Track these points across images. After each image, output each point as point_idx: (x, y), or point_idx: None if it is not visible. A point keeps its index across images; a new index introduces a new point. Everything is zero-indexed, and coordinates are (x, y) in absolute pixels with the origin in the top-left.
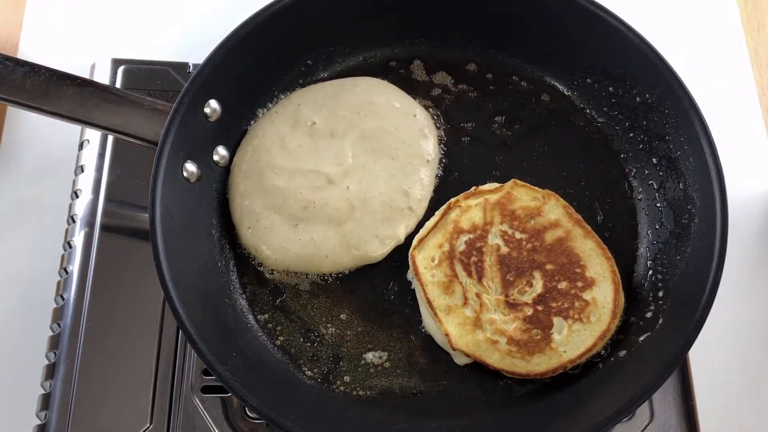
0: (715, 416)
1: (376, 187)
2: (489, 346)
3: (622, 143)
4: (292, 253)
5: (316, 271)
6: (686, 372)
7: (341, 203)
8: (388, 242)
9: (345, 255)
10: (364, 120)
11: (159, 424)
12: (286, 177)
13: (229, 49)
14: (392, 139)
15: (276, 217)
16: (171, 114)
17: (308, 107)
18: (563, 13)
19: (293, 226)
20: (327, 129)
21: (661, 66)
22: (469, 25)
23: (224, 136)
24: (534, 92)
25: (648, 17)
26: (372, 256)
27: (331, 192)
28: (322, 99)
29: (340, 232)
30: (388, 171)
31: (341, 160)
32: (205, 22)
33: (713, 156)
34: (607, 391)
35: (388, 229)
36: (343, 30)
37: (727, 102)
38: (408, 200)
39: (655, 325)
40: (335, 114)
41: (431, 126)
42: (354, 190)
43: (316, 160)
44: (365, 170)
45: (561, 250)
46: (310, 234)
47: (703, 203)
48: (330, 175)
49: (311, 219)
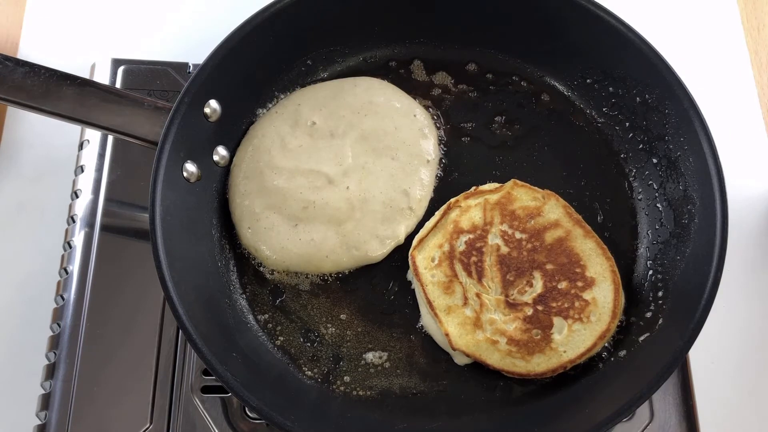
0: (715, 416)
1: (376, 187)
2: (489, 346)
3: (622, 143)
4: (293, 253)
5: (316, 271)
6: (686, 372)
7: (341, 203)
8: (388, 242)
9: (345, 255)
10: (364, 120)
11: (159, 424)
12: (286, 177)
13: (229, 49)
14: (392, 139)
15: (276, 217)
16: (171, 114)
17: (308, 107)
18: (563, 13)
19: (293, 226)
20: (327, 129)
21: (661, 66)
22: (470, 25)
23: (224, 136)
24: (534, 92)
25: (648, 17)
26: (372, 256)
27: (331, 192)
28: (321, 99)
29: (340, 232)
30: (388, 171)
31: (341, 160)
32: (205, 22)
33: (713, 156)
34: (607, 391)
35: (388, 229)
36: (343, 30)
37: (727, 102)
38: (408, 200)
39: (655, 325)
40: (335, 114)
41: (431, 126)
42: (354, 190)
43: (315, 160)
44: (365, 170)
45: (561, 250)
46: (310, 234)
47: (703, 203)
48: (330, 175)
49: (311, 219)
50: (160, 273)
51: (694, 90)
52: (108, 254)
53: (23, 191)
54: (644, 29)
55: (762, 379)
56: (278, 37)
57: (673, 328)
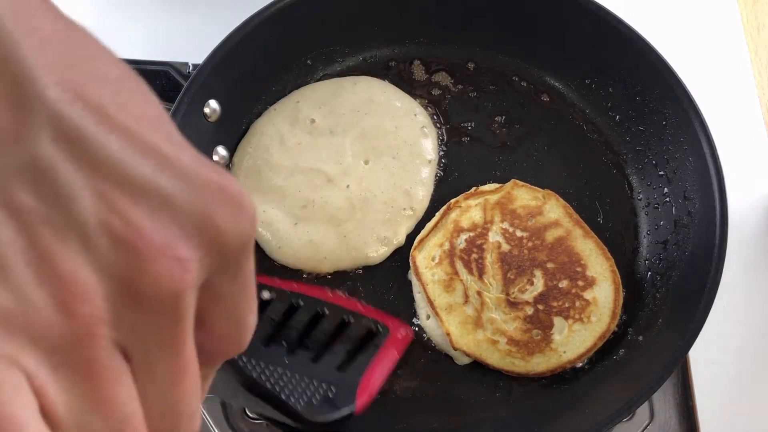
0: (715, 416)
1: (377, 187)
2: (489, 346)
3: (622, 143)
4: (290, 254)
5: (314, 271)
6: (686, 372)
7: (341, 202)
8: (388, 244)
9: (344, 256)
10: (364, 119)
11: None
12: (285, 175)
13: (228, 49)
14: (393, 138)
15: (275, 215)
16: (170, 114)
17: (307, 105)
18: (564, 13)
19: (292, 225)
20: (326, 126)
21: (661, 66)
22: (470, 25)
23: (224, 136)
24: (534, 92)
25: (648, 17)
26: (372, 257)
27: (331, 191)
28: (321, 97)
29: (340, 233)
30: (388, 170)
31: (341, 158)
32: (205, 22)
33: (713, 156)
34: (607, 391)
35: (389, 230)
36: (343, 30)
37: (727, 102)
38: (409, 200)
39: (655, 325)
40: (335, 112)
41: (431, 126)
42: (354, 190)
43: (315, 158)
44: (365, 169)
45: (562, 249)
46: (309, 234)
47: (703, 204)
48: (329, 174)
49: (311, 218)
50: None
51: (694, 90)
52: None
53: None
54: (644, 29)
55: (762, 379)
56: (278, 37)
57: (673, 328)
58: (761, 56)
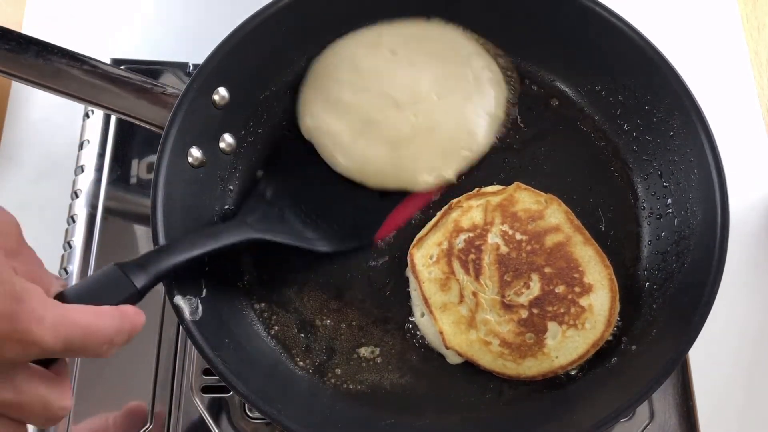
0: (715, 416)
1: (445, 121)
2: (482, 347)
3: (628, 152)
4: (343, 164)
5: (361, 183)
6: (686, 372)
7: (405, 128)
8: (438, 176)
9: (393, 177)
10: (446, 64)
11: (159, 424)
12: (353, 93)
13: (242, 36)
14: (468, 84)
15: (337, 127)
16: (179, 98)
17: (391, 38)
18: (579, 20)
19: (352, 138)
20: (407, 59)
21: (672, 77)
22: (482, 28)
23: (232, 123)
24: (544, 97)
25: (648, 17)
26: (419, 182)
27: (397, 116)
28: (407, 35)
29: (396, 156)
30: (458, 109)
31: (415, 88)
32: (205, 22)
33: (718, 171)
34: (606, 391)
35: (443, 163)
36: (351, 20)
37: (727, 102)
38: (470, 142)
39: (649, 335)
40: (419, 50)
41: (505, 89)
42: (421, 119)
43: (388, 84)
44: (436, 103)
45: (560, 255)
46: (365, 150)
47: (705, 217)
48: (399, 100)
49: (371, 136)
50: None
51: (694, 90)
52: (108, 255)
53: (23, 191)
54: (644, 29)
55: (762, 379)
56: (290, 26)
57: (666, 340)
58: (761, 56)
